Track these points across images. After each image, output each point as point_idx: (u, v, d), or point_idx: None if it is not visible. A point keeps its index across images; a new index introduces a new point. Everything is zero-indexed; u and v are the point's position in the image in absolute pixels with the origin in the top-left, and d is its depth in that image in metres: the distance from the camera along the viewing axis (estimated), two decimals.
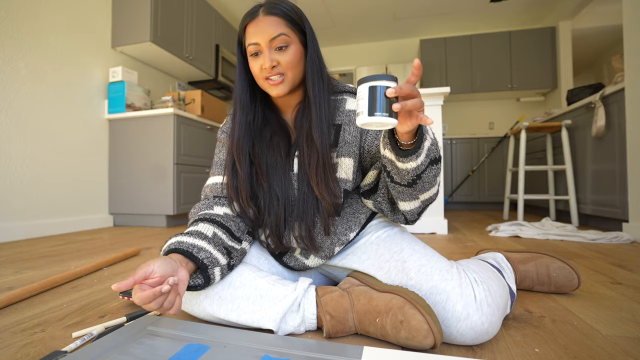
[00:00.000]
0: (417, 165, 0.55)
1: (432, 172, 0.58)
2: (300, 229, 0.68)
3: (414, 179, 0.57)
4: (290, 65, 0.65)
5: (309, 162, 0.66)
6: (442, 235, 1.87)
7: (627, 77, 1.76)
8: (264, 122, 0.73)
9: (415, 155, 0.54)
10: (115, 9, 2.50)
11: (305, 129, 0.67)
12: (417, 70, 0.47)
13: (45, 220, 1.98)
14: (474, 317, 0.55)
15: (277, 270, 0.77)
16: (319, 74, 0.67)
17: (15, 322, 0.70)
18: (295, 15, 0.66)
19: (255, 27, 0.64)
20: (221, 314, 0.62)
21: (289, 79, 0.66)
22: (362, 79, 0.49)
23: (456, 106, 4.33)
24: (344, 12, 3.77)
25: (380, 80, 0.48)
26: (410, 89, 0.46)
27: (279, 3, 0.65)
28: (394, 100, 0.48)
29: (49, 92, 2.03)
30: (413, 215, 0.66)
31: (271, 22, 0.63)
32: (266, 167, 0.70)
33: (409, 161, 0.55)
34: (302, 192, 0.68)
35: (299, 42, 0.67)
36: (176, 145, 2.34)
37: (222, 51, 3.30)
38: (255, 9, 0.65)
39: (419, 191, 0.60)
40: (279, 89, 0.65)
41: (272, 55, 0.64)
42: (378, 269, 0.67)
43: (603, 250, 1.45)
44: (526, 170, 3.25)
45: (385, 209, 0.69)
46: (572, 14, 3.48)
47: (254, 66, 0.66)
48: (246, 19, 0.66)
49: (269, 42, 0.63)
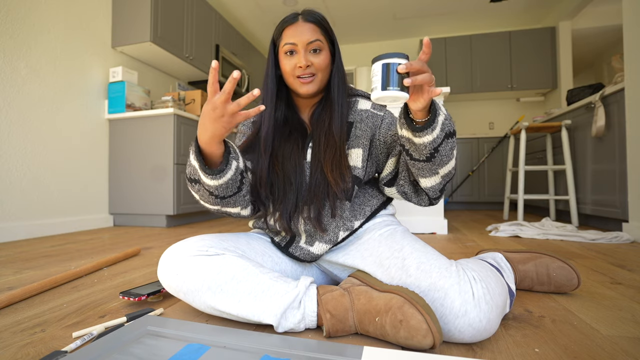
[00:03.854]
0: (433, 138, 0.59)
1: (448, 145, 0.61)
2: (309, 211, 0.73)
3: (431, 153, 0.61)
4: (322, 67, 0.73)
5: (325, 152, 0.73)
6: (442, 235, 1.87)
7: (627, 77, 1.76)
8: (285, 119, 0.81)
9: (430, 128, 0.58)
10: (115, 9, 2.50)
11: (325, 125, 0.75)
12: (427, 49, 0.51)
13: (45, 220, 1.98)
14: (471, 314, 0.55)
15: (280, 268, 0.77)
16: (342, 80, 0.77)
17: (15, 322, 0.70)
18: (328, 26, 0.76)
19: (295, 30, 0.72)
20: (222, 306, 0.63)
21: (319, 79, 0.74)
22: (376, 58, 0.54)
23: (456, 106, 4.33)
24: (344, 12, 3.77)
25: (392, 58, 0.52)
26: (420, 64, 0.51)
27: (315, 13, 0.74)
28: (405, 76, 0.52)
29: (49, 92, 2.03)
30: (435, 192, 0.69)
31: (309, 28, 0.72)
32: (282, 158, 0.76)
33: (425, 135, 0.59)
34: (314, 179, 0.73)
35: (329, 50, 0.75)
36: (176, 145, 2.34)
37: (222, 51, 3.30)
38: (295, 15, 0.74)
39: (437, 165, 0.63)
40: (308, 87, 0.73)
41: (307, 56, 0.72)
42: (379, 266, 0.69)
43: (603, 250, 1.45)
44: (526, 170, 3.25)
45: (408, 192, 0.74)
46: (572, 14, 3.48)
47: (286, 64, 0.73)
48: (285, 22, 0.74)
49: (305, 44, 0.71)
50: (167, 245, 1.62)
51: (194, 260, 0.65)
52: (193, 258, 0.65)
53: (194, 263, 0.65)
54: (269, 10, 3.74)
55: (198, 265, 0.64)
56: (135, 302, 0.82)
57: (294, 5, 3.63)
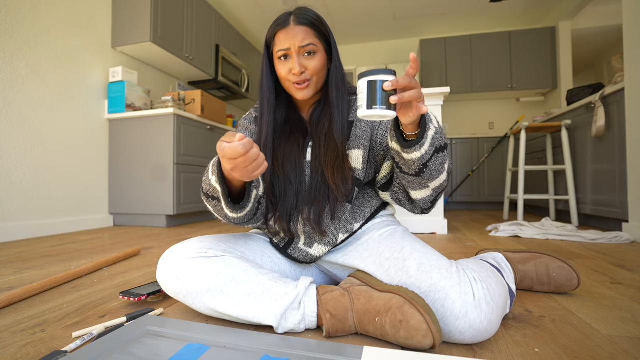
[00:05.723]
0: (421, 154, 0.58)
1: (438, 160, 0.60)
2: (309, 212, 0.73)
3: (420, 168, 0.61)
4: (316, 71, 0.71)
5: (326, 156, 0.72)
6: (442, 235, 1.87)
7: (627, 77, 1.76)
8: (286, 119, 0.80)
9: (418, 145, 0.57)
10: (115, 9, 2.50)
11: (325, 127, 0.74)
12: (414, 64, 0.51)
13: (45, 220, 1.98)
14: (472, 315, 0.55)
15: (279, 269, 0.77)
16: (342, 80, 0.74)
17: (15, 322, 0.70)
18: (322, 26, 0.72)
19: (287, 35, 0.69)
20: (222, 308, 0.63)
21: (314, 83, 0.72)
22: (362, 74, 0.52)
23: (456, 106, 4.33)
24: (344, 12, 3.77)
25: (378, 75, 0.51)
26: (407, 81, 0.50)
27: (307, 13, 0.71)
28: (392, 93, 0.50)
29: (49, 92, 2.03)
30: (426, 203, 0.69)
31: (301, 31, 0.69)
32: (282, 158, 0.75)
33: (413, 151, 0.58)
34: (315, 180, 0.73)
35: (324, 50, 0.73)
36: (176, 145, 2.34)
37: (222, 51, 3.30)
38: (286, 18, 0.71)
39: (427, 179, 0.63)
40: (304, 93, 0.72)
41: (300, 61, 0.70)
42: (379, 267, 0.68)
43: (603, 250, 1.45)
44: (526, 170, 3.25)
45: (402, 199, 0.73)
46: (572, 14, 3.48)
47: (281, 69, 0.72)
48: (277, 26, 0.71)
49: (298, 49, 0.69)
50: (167, 246, 1.62)
51: (193, 263, 0.65)
52: (192, 260, 0.65)
53: (193, 265, 0.65)
54: (269, 10, 3.74)
55: (197, 267, 0.64)
56: (135, 302, 0.82)
57: (294, 6, 3.63)
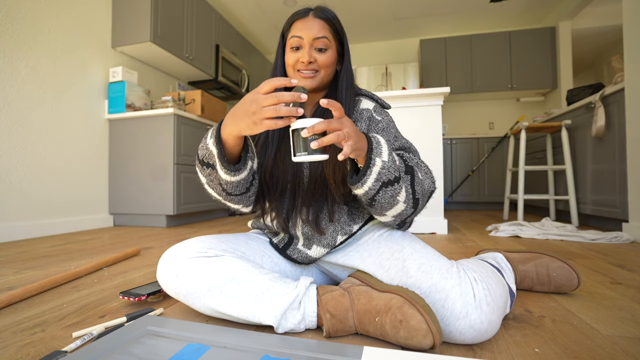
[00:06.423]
0: (364, 191, 0.60)
1: (387, 193, 0.61)
2: (308, 213, 0.73)
3: (368, 202, 0.62)
4: (325, 65, 0.72)
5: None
6: (442, 235, 1.87)
7: (627, 77, 1.76)
8: None
9: (360, 182, 0.59)
10: (115, 9, 2.50)
11: None
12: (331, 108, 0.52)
13: (45, 220, 1.98)
14: (473, 315, 0.55)
15: (279, 269, 0.77)
16: (351, 82, 0.76)
17: (15, 322, 0.70)
18: (338, 25, 0.74)
19: (303, 24, 0.71)
20: (222, 308, 0.62)
21: (320, 76, 0.72)
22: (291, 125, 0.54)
23: (456, 106, 4.33)
24: (344, 12, 3.77)
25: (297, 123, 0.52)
26: (324, 125, 0.51)
27: (326, 10, 0.73)
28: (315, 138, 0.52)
29: (49, 92, 2.03)
30: (393, 224, 0.71)
31: (318, 24, 0.71)
32: (284, 152, 0.75)
33: (356, 188, 0.60)
34: (313, 180, 0.73)
35: (336, 49, 0.74)
36: (176, 145, 2.34)
37: (222, 51, 3.30)
38: (307, 10, 0.73)
39: (380, 210, 0.64)
40: (308, 82, 0.72)
41: (311, 52, 0.71)
42: (378, 267, 0.68)
43: (603, 250, 1.45)
44: (526, 170, 3.25)
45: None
46: (572, 14, 3.48)
47: (290, 57, 0.72)
48: (296, 16, 0.73)
49: (312, 40, 0.70)
50: (167, 245, 1.62)
51: (193, 262, 0.65)
52: (192, 260, 0.65)
53: (193, 265, 0.65)
54: (269, 11, 3.74)
55: (197, 267, 0.64)
56: (135, 302, 0.82)
57: (293, 6, 3.63)
